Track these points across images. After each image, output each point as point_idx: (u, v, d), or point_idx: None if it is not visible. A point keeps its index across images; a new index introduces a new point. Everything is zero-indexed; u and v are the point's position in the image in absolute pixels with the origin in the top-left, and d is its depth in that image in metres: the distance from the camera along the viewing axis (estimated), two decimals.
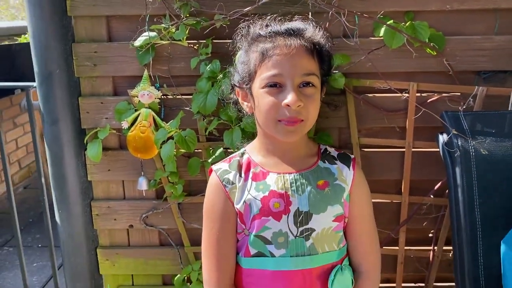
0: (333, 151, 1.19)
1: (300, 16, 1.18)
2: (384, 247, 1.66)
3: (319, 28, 1.13)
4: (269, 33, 1.10)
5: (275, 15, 1.15)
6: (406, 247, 1.66)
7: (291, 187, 1.09)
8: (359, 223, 1.16)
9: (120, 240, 1.73)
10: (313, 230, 1.09)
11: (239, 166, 1.14)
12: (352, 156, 1.19)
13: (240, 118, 1.42)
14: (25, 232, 3.22)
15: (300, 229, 1.08)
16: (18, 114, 4.01)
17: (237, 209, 1.11)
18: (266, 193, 1.09)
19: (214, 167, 1.17)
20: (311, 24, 1.13)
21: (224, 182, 1.12)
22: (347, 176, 1.15)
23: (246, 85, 1.12)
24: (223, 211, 1.11)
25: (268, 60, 1.05)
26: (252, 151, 1.18)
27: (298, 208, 1.08)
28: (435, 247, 1.64)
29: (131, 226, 1.69)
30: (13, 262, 2.84)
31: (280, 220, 1.08)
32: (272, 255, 1.08)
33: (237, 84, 1.16)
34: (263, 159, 1.15)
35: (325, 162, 1.15)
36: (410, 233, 1.65)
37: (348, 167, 1.16)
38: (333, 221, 1.11)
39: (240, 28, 1.19)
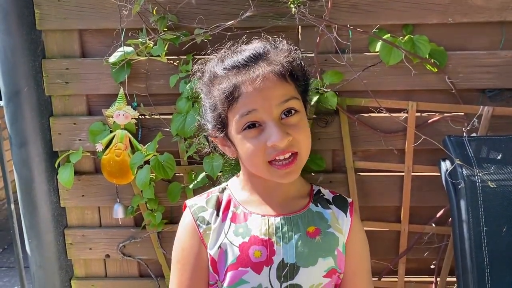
0: (327, 193, 1.05)
1: (256, 37, 1.03)
2: (382, 279, 1.53)
3: (282, 43, 0.98)
4: (227, 69, 0.93)
5: (227, 45, 1.00)
6: (406, 278, 1.53)
7: (276, 233, 0.94)
8: (357, 280, 1.01)
9: (97, 271, 1.60)
10: (299, 286, 0.94)
11: (218, 203, 1.00)
12: (350, 200, 1.05)
13: None
14: (8, 252, 3.09)
15: (284, 284, 0.93)
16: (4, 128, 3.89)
17: (210, 255, 0.96)
18: (246, 239, 0.94)
19: (188, 202, 1.03)
20: (271, 43, 0.98)
21: (198, 221, 0.98)
22: (343, 224, 1.00)
23: (221, 133, 0.97)
24: (195, 256, 0.97)
25: (236, 102, 0.90)
26: (235, 186, 1.03)
27: (283, 259, 0.93)
28: (438, 279, 1.51)
29: (108, 256, 1.56)
30: None
31: (260, 273, 0.93)
32: None
33: (212, 134, 1.01)
34: (246, 198, 1.00)
35: (317, 206, 1.01)
36: (410, 263, 1.52)
37: (345, 213, 1.01)
38: (324, 276, 0.96)
39: (195, 70, 1.04)
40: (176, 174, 1.45)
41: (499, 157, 1.13)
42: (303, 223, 0.97)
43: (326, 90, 1.33)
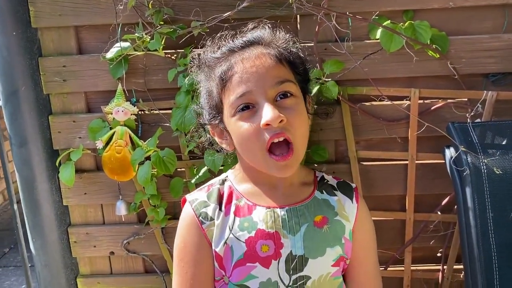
0: (331, 179, 1.03)
1: (253, 22, 1.02)
2: (388, 269, 1.52)
3: (279, 30, 0.97)
4: (223, 53, 0.93)
5: (224, 33, 0.99)
6: (412, 267, 1.51)
7: (282, 226, 0.92)
8: (364, 266, 1.00)
9: (102, 268, 1.60)
10: (308, 277, 0.92)
11: (220, 197, 0.97)
12: (354, 185, 1.03)
13: None
14: (15, 251, 3.09)
15: (293, 277, 0.92)
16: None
17: (215, 251, 0.94)
18: (252, 233, 0.92)
19: (188, 197, 1.00)
20: (267, 28, 0.97)
21: (200, 217, 0.95)
22: (350, 211, 0.98)
23: (216, 120, 0.96)
24: (198, 253, 0.94)
25: (230, 81, 0.88)
26: (235, 177, 1.01)
27: (291, 251, 0.91)
28: (445, 266, 1.50)
29: (112, 253, 1.56)
30: (1, 284, 2.72)
31: (269, 267, 0.91)
32: None
33: (208, 122, 0.99)
34: (249, 189, 0.97)
35: (323, 193, 0.99)
36: (416, 251, 1.51)
37: (351, 199, 0.99)
38: (332, 265, 0.95)
39: (192, 59, 1.03)
40: (178, 169, 1.44)
41: (504, 143, 1.10)
42: (310, 212, 0.95)
43: (326, 79, 1.31)
